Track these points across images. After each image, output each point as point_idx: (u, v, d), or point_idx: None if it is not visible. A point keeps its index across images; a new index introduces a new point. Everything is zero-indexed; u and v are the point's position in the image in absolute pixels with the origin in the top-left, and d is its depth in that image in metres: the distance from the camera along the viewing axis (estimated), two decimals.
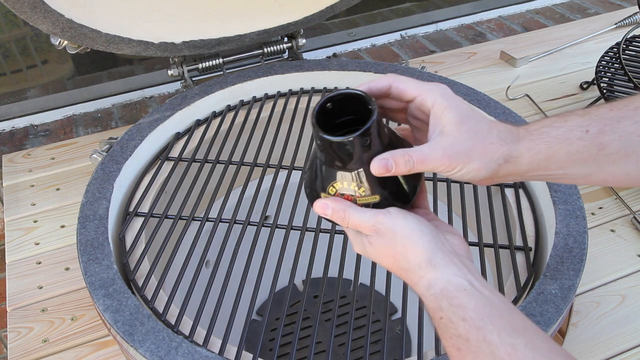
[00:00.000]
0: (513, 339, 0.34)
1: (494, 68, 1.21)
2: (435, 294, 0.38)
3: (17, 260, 0.82)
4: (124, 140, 0.77)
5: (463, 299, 0.36)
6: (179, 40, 0.88)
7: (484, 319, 0.35)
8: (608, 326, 0.72)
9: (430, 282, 0.38)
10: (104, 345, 0.71)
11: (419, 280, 0.39)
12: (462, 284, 0.37)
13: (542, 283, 0.58)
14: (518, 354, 0.33)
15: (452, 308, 0.36)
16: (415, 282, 0.40)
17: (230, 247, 0.64)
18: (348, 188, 0.41)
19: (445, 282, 0.38)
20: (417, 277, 0.39)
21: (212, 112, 0.86)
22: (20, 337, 0.72)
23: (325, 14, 0.97)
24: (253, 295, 0.60)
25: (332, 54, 1.20)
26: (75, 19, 0.75)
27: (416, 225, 0.40)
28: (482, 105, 0.83)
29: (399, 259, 0.40)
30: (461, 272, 0.38)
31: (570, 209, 0.66)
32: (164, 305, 0.58)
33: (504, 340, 0.34)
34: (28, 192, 0.93)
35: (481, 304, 0.36)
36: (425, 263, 0.39)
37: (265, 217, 0.68)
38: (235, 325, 0.57)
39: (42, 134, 1.15)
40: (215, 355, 0.52)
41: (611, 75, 0.98)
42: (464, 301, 0.36)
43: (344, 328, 0.95)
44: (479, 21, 1.51)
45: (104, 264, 0.60)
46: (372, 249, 0.42)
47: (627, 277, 0.78)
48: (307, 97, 0.89)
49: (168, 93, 1.26)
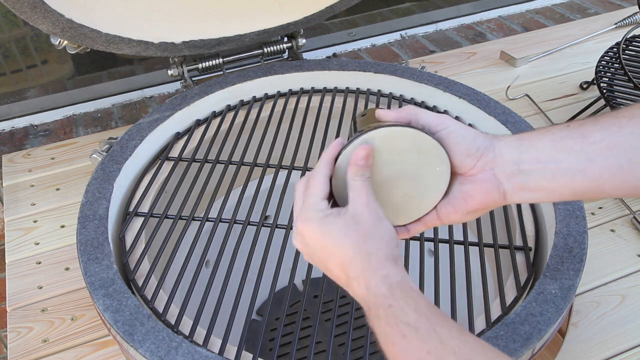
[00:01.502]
0: (463, 336, 0.36)
1: (494, 68, 1.21)
2: (391, 283, 0.40)
3: (17, 260, 0.82)
4: (124, 140, 0.77)
5: (416, 295, 0.39)
6: (179, 40, 0.88)
7: (435, 315, 0.38)
8: (608, 326, 0.72)
9: (390, 273, 0.41)
10: (104, 345, 0.71)
11: (379, 267, 0.41)
12: (415, 287, 0.41)
13: (542, 283, 0.58)
14: (467, 346, 0.36)
15: (406, 298, 0.39)
16: (374, 268, 0.41)
17: (230, 247, 0.64)
18: None
19: (402, 277, 0.41)
20: (380, 264, 0.41)
21: (212, 112, 0.86)
22: (20, 337, 0.72)
23: (325, 14, 0.97)
24: (253, 295, 0.60)
25: (332, 54, 1.19)
26: (75, 19, 0.75)
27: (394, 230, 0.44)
28: (482, 105, 0.83)
29: (370, 242, 0.42)
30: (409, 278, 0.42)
31: (570, 209, 0.66)
32: (164, 305, 0.58)
33: (453, 334, 0.36)
34: (28, 192, 0.93)
35: (432, 306, 0.39)
36: (393, 258, 0.42)
37: (265, 217, 0.68)
38: (235, 325, 0.57)
39: (42, 134, 1.15)
40: (215, 355, 0.52)
41: (611, 75, 0.98)
42: (417, 297, 0.39)
43: (344, 328, 0.95)
44: (479, 21, 1.51)
45: (103, 264, 0.60)
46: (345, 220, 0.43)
47: (627, 277, 0.78)
48: (307, 97, 0.89)
49: (168, 93, 1.26)
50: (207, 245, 0.65)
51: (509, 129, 0.79)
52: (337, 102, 0.88)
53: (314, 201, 0.44)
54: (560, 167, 0.42)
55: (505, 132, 0.79)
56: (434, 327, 0.36)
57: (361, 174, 0.43)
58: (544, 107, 1.09)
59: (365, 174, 0.44)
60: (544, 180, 0.43)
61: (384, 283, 0.40)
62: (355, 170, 0.44)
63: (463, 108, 0.85)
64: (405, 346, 0.37)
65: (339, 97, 0.89)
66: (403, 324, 0.37)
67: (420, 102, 0.88)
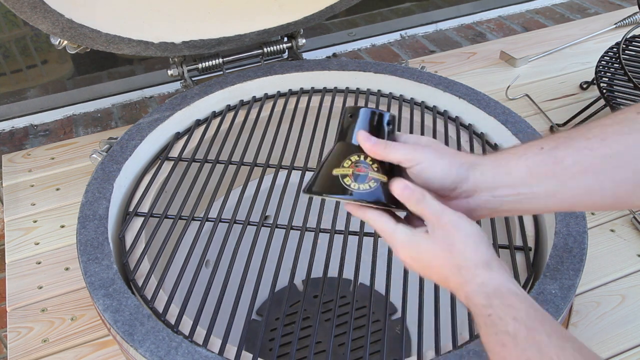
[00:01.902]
0: (562, 342, 0.36)
1: (494, 68, 1.21)
2: (488, 292, 0.40)
3: (17, 260, 0.82)
4: (124, 140, 0.77)
5: (514, 301, 0.39)
6: (179, 40, 0.88)
7: (534, 322, 0.37)
8: (608, 326, 0.72)
9: (485, 281, 0.41)
10: (104, 345, 0.71)
11: (472, 277, 0.41)
12: (514, 289, 0.40)
13: (542, 283, 0.58)
14: (567, 353, 0.35)
15: (504, 307, 0.39)
16: (467, 280, 0.41)
17: (230, 247, 0.64)
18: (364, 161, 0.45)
19: (499, 284, 0.40)
20: (471, 274, 0.41)
21: (212, 112, 0.86)
22: (20, 337, 0.72)
23: (325, 14, 0.97)
24: (253, 295, 0.60)
25: (332, 54, 1.19)
26: (75, 19, 0.75)
27: (478, 229, 0.43)
28: (482, 105, 0.83)
29: (456, 255, 0.42)
30: (512, 280, 0.41)
31: None
32: (163, 305, 0.58)
33: (553, 342, 0.36)
34: (28, 192, 0.93)
35: (532, 309, 0.38)
36: (483, 264, 0.41)
37: (265, 217, 0.68)
38: (235, 325, 0.57)
39: (42, 134, 1.15)
40: (215, 355, 0.52)
41: (611, 75, 0.98)
42: (516, 303, 0.39)
43: (344, 328, 0.95)
44: (479, 21, 1.51)
45: (103, 264, 0.60)
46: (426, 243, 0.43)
47: (627, 277, 0.78)
48: (307, 97, 0.89)
49: (168, 93, 1.26)
50: (207, 245, 0.65)
51: (508, 129, 0.79)
52: (337, 102, 0.88)
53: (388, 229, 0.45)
54: (534, 192, 0.43)
55: (504, 132, 0.79)
56: (532, 335, 0.36)
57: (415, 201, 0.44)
58: (544, 107, 1.09)
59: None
60: (516, 204, 0.45)
61: (480, 293, 0.40)
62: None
63: (463, 108, 0.85)
64: (504, 355, 0.37)
65: (339, 97, 0.89)
66: (502, 333, 0.37)
67: (420, 102, 0.88)
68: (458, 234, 0.42)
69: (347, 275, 0.62)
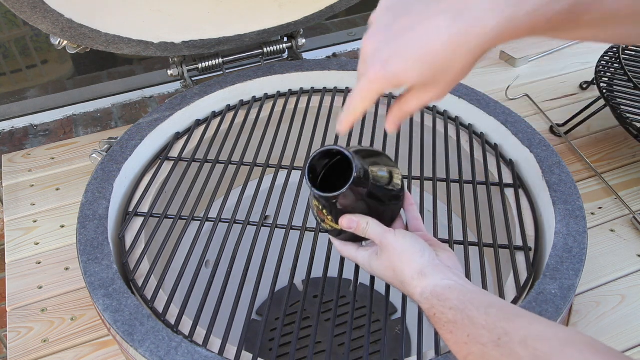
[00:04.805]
0: (487, 309, 0.41)
1: (494, 68, 1.21)
2: (427, 296, 0.46)
3: (17, 260, 0.82)
4: (124, 140, 0.77)
5: (448, 294, 0.44)
6: (179, 40, 0.88)
7: (465, 303, 0.43)
8: (608, 326, 0.72)
9: (422, 290, 0.46)
10: (104, 345, 0.71)
11: (413, 289, 0.47)
12: (447, 284, 0.46)
13: (542, 283, 0.58)
14: (491, 317, 0.40)
15: (441, 302, 0.44)
16: (411, 292, 0.47)
17: (230, 247, 0.64)
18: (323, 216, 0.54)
19: (433, 286, 0.46)
20: (411, 287, 0.47)
21: (212, 112, 0.86)
22: (20, 337, 0.72)
23: (325, 13, 0.97)
24: (253, 295, 0.60)
25: (332, 54, 1.20)
26: (75, 19, 0.75)
27: (413, 243, 0.49)
28: (482, 105, 0.83)
29: (398, 273, 0.48)
30: (447, 276, 0.46)
31: (570, 209, 0.66)
32: (163, 305, 0.58)
33: (481, 312, 0.41)
34: (28, 192, 0.93)
35: (462, 293, 0.44)
36: (418, 274, 0.47)
37: (265, 217, 0.68)
38: (235, 325, 0.57)
39: (41, 134, 1.15)
40: (215, 355, 0.52)
41: (611, 75, 0.98)
42: (449, 295, 0.44)
43: (344, 328, 0.95)
44: None
45: (103, 264, 0.60)
46: (377, 263, 0.51)
47: (627, 277, 0.78)
48: (307, 97, 0.89)
49: (168, 93, 1.26)
50: (207, 245, 0.65)
51: (508, 129, 0.79)
52: (337, 102, 0.88)
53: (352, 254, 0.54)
54: None
55: (504, 132, 0.79)
56: (466, 314, 0.42)
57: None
58: (543, 107, 1.09)
59: None
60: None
61: (422, 300, 0.46)
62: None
63: (463, 108, 0.85)
64: (455, 339, 0.42)
65: (339, 97, 0.89)
66: (447, 323, 0.43)
67: None
68: (395, 252, 0.49)
69: (347, 275, 0.62)
